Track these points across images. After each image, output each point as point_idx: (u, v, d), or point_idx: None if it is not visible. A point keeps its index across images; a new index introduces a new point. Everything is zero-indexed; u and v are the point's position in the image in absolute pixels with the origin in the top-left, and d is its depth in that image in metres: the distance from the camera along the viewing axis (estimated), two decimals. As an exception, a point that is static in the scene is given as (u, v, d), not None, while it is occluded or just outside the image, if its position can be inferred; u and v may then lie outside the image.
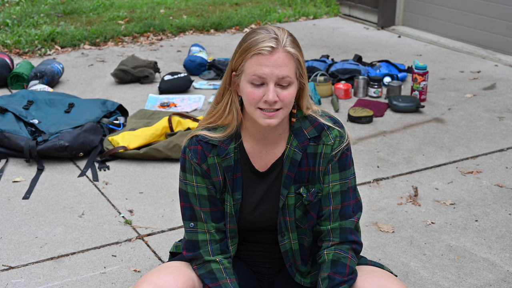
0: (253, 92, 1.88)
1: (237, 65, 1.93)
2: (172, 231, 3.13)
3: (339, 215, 2.03)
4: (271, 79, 1.86)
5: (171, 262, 2.09)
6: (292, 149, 2.01)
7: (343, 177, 2.04)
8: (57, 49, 6.19)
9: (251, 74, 1.87)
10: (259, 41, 1.87)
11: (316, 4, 7.97)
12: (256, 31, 1.92)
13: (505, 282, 2.73)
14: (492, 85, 5.18)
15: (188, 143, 2.03)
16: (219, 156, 2.00)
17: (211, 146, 2.00)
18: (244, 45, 1.90)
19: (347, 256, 2.00)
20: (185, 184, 2.04)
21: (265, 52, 1.85)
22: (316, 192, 2.04)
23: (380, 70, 5.19)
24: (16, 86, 5.08)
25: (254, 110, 1.91)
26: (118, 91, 5.06)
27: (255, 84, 1.88)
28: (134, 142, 3.88)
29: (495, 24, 5.94)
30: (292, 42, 1.91)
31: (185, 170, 2.03)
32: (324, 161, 2.01)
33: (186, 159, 2.03)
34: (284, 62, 1.87)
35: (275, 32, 1.90)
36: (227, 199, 2.03)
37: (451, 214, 3.27)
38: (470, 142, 4.12)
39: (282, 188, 2.03)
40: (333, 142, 2.01)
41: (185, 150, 2.04)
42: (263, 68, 1.86)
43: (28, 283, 2.74)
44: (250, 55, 1.87)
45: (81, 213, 3.30)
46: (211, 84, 5.16)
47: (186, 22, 7.02)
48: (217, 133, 2.00)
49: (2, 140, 3.88)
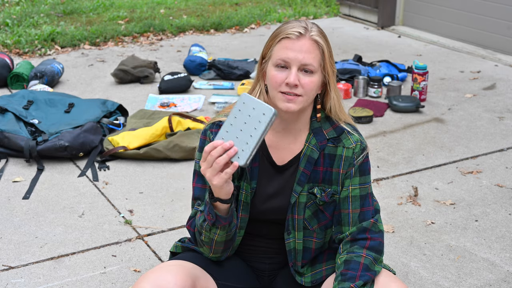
0: (276, 75, 1.94)
1: (266, 52, 2.00)
2: (172, 231, 3.13)
3: (358, 219, 2.05)
4: (295, 63, 1.92)
5: (171, 261, 2.09)
6: (310, 147, 2.04)
7: (362, 182, 2.06)
8: (57, 49, 6.19)
9: (277, 58, 1.94)
10: (288, 28, 1.95)
11: (316, 4, 7.97)
12: (290, 20, 2.01)
13: (505, 282, 2.74)
14: (492, 85, 5.18)
15: (210, 126, 2.05)
16: None
17: None
18: (274, 32, 1.98)
19: (360, 255, 1.99)
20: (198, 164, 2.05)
21: (292, 36, 1.93)
22: (332, 194, 2.05)
23: (380, 70, 5.19)
24: (16, 86, 5.08)
25: (276, 93, 1.95)
26: (118, 91, 5.06)
27: (279, 67, 1.94)
28: (134, 142, 3.88)
29: (495, 24, 5.94)
30: (319, 32, 1.98)
31: (201, 150, 2.04)
32: (345, 164, 2.04)
33: (206, 140, 2.05)
34: (309, 49, 1.93)
35: (306, 23, 1.98)
36: (243, 187, 2.05)
37: (451, 214, 3.27)
38: (470, 142, 4.12)
39: (295, 185, 2.04)
40: (354, 146, 2.04)
41: (205, 132, 2.06)
42: (288, 52, 1.92)
43: (28, 283, 2.74)
44: (278, 39, 1.95)
45: (81, 213, 3.30)
46: (211, 84, 5.16)
47: (186, 22, 7.03)
48: None
49: (2, 140, 3.88)
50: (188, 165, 3.81)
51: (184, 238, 2.26)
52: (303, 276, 2.13)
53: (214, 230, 1.94)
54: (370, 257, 2.00)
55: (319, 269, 2.14)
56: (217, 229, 1.93)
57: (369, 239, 2.03)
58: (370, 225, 2.04)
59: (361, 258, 1.98)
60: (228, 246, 2.03)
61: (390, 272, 2.08)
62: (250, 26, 7.08)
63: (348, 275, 1.95)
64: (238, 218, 2.07)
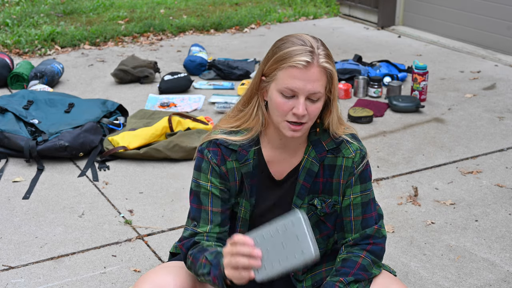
0: (283, 104, 1.87)
1: (268, 72, 1.91)
2: (172, 231, 3.13)
3: (361, 226, 2.04)
4: (303, 93, 1.85)
5: (171, 262, 2.09)
6: (310, 160, 2.00)
7: (363, 189, 2.04)
8: (57, 49, 6.19)
9: (283, 86, 1.86)
10: (295, 53, 1.85)
11: (316, 4, 7.97)
12: (291, 40, 1.90)
13: (505, 282, 2.74)
14: (492, 85, 5.18)
15: (207, 145, 2.00)
16: (238, 161, 1.99)
17: (230, 150, 1.99)
18: (279, 54, 1.88)
19: (359, 255, 1.99)
20: (198, 184, 2.01)
21: (300, 66, 1.83)
22: (333, 204, 2.04)
23: (380, 70, 5.19)
24: (16, 86, 5.08)
25: (281, 120, 1.90)
26: (118, 91, 5.06)
27: (286, 96, 1.87)
28: (134, 142, 3.88)
29: (495, 24, 5.94)
30: (326, 56, 1.88)
31: (200, 170, 2.00)
32: (345, 174, 2.01)
33: (204, 159, 1.99)
34: (317, 77, 1.85)
35: (311, 44, 1.87)
36: (242, 204, 2.03)
37: (451, 214, 3.27)
38: (470, 142, 4.12)
39: (296, 198, 2.02)
40: (353, 155, 2.01)
41: (203, 151, 2.00)
42: (296, 81, 1.84)
43: (28, 283, 2.74)
44: (284, 66, 1.85)
45: (81, 213, 3.30)
46: (211, 84, 5.16)
47: (186, 22, 7.03)
48: (237, 136, 1.98)
49: (2, 140, 3.88)
50: (188, 165, 3.81)
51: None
52: (304, 281, 2.13)
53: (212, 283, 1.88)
54: (368, 258, 2.00)
55: (318, 270, 2.14)
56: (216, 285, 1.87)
57: (371, 244, 2.03)
58: (374, 231, 2.03)
59: (360, 258, 1.99)
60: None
61: (390, 273, 2.08)
62: (250, 26, 7.08)
63: (342, 271, 1.96)
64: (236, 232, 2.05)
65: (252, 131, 1.98)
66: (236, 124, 2.00)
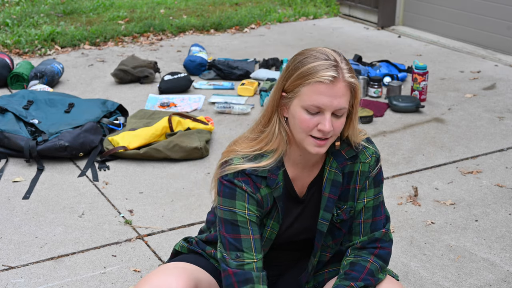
0: (309, 120, 1.83)
1: (291, 88, 1.85)
2: (172, 231, 3.13)
3: (369, 229, 2.03)
4: (329, 109, 1.81)
5: (173, 263, 2.07)
6: (333, 171, 1.97)
7: (376, 192, 2.03)
8: (57, 49, 6.18)
9: (309, 103, 1.81)
10: (320, 69, 1.80)
11: (316, 4, 7.97)
12: (314, 54, 1.84)
13: (505, 282, 2.73)
14: (492, 85, 5.18)
15: (234, 175, 1.91)
16: (269, 187, 1.94)
17: (260, 178, 1.92)
18: (302, 69, 1.82)
19: (367, 260, 1.98)
20: (233, 212, 1.91)
21: (327, 81, 1.79)
22: (349, 210, 2.02)
23: (380, 70, 5.19)
24: (16, 86, 5.08)
25: (305, 137, 1.85)
26: (118, 91, 5.06)
27: (311, 112, 1.83)
28: (134, 142, 3.88)
29: (495, 24, 5.94)
30: (350, 70, 1.84)
31: (234, 198, 1.91)
32: (362, 179, 1.99)
33: (236, 187, 1.91)
34: (343, 92, 1.82)
35: (335, 57, 1.83)
36: (270, 225, 1.99)
37: (451, 214, 3.27)
38: (470, 142, 4.12)
39: (323, 213, 1.99)
40: (370, 159, 1.99)
41: (231, 181, 1.91)
42: (322, 97, 1.80)
43: (28, 283, 2.74)
44: (310, 81, 1.80)
45: (81, 213, 3.30)
46: (211, 84, 5.16)
47: (186, 22, 7.02)
48: (263, 161, 1.91)
49: (2, 140, 3.88)
50: (188, 165, 3.81)
51: (191, 239, 2.21)
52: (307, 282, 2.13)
53: None
54: (377, 264, 1.99)
55: (321, 271, 2.13)
56: None
57: (379, 248, 2.02)
58: (382, 235, 2.03)
59: (368, 263, 1.98)
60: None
61: (393, 278, 2.07)
62: (250, 26, 7.08)
63: (351, 275, 1.95)
64: None
65: (277, 152, 1.92)
66: (259, 146, 1.93)
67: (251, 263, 1.91)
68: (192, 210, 3.32)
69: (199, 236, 2.22)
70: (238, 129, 4.33)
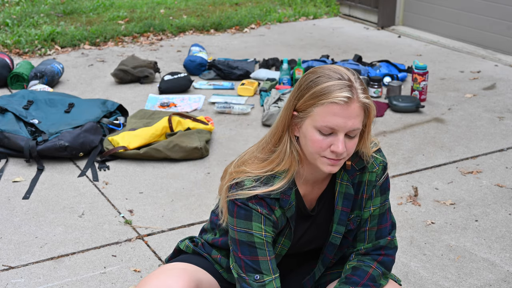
0: (322, 141, 1.80)
1: (303, 108, 1.81)
2: (172, 231, 3.13)
3: (375, 236, 2.01)
4: (343, 130, 1.78)
5: (173, 264, 2.07)
6: (344, 184, 1.95)
7: (383, 200, 2.01)
8: (57, 49, 6.18)
9: (323, 124, 1.77)
10: (334, 89, 1.76)
11: (316, 4, 7.97)
12: (327, 73, 1.80)
13: (505, 282, 2.73)
14: (492, 85, 5.18)
15: (248, 198, 1.88)
16: (282, 208, 1.92)
17: (274, 200, 1.90)
18: (315, 89, 1.78)
19: (370, 265, 1.98)
20: (250, 234, 1.89)
21: (341, 102, 1.75)
22: (357, 220, 2.00)
23: (380, 70, 5.19)
24: (16, 86, 5.08)
25: (319, 156, 1.83)
26: (118, 91, 5.06)
27: (324, 133, 1.79)
28: (134, 142, 3.88)
29: (495, 24, 5.94)
30: (364, 90, 1.80)
31: (250, 220, 1.88)
32: (369, 188, 1.98)
33: (252, 210, 1.88)
34: (357, 113, 1.78)
35: (349, 77, 1.79)
36: (281, 242, 1.99)
37: (451, 214, 3.27)
38: (470, 142, 4.12)
39: (337, 226, 1.98)
40: (377, 168, 1.97)
41: (245, 203, 1.88)
42: (337, 119, 1.76)
43: (28, 283, 2.74)
44: (324, 102, 1.76)
45: (81, 213, 3.30)
46: (211, 84, 5.16)
47: (186, 22, 7.02)
48: (275, 183, 1.88)
49: (2, 140, 3.88)
50: (188, 165, 3.81)
51: (197, 239, 2.20)
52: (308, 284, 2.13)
53: None
54: (379, 270, 1.99)
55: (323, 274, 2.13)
56: None
57: (383, 255, 2.01)
58: (387, 242, 2.02)
59: (370, 269, 1.97)
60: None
61: (396, 282, 2.07)
62: (250, 26, 7.08)
63: (352, 280, 1.95)
64: None
65: (289, 172, 1.89)
66: (271, 167, 1.89)
67: (271, 281, 1.90)
68: (192, 210, 3.32)
69: (205, 237, 2.18)
70: (238, 129, 4.33)
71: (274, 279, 1.91)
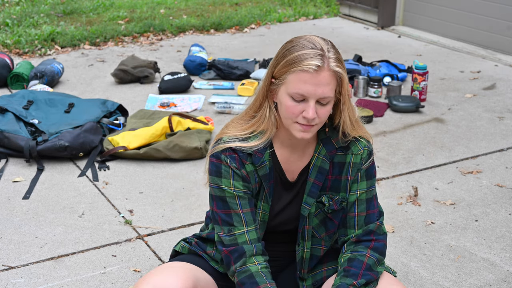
0: (293, 107, 1.89)
1: (278, 75, 1.91)
2: (172, 231, 3.13)
3: (364, 222, 2.05)
4: (313, 97, 1.86)
5: (171, 263, 2.08)
6: (320, 158, 2.02)
7: (369, 185, 2.06)
8: (57, 49, 6.18)
9: (294, 90, 1.87)
10: (305, 57, 1.85)
11: (316, 4, 7.97)
12: (302, 43, 1.88)
13: (505, 282, 2.74)
14: (492, 85, 5.18)
15: (222, 151, 1.99)
16: (254, 164, 1.99)
17: (246, 155, 1.99)
18: (289, 58, 1.87)
19: (364, 254, 2.00)
20: (220, 189, 1.99)
21: (311, 70, 1.84)
22: (340, 201, 2.05)
23: (380, 70, 5.19)
24: (16, 86, 5.08)
25: (291, 123, 1.92)
26: (118, 91, 5.06)
27: (296, 100, 1.88)
28: (134, 142, 3.88)
29: (495, 24, 5.94)
30: (337, 59, 1.88)
31: (220, 175, 1.99)
32: (353, 170, 2.03)
33: (222, 164, 1.98)
34: (327, 81, 1.86)
35: (322, 47, 1.87)
36: (261, 207, 2.03)
37: (451, 214, 3.27)
38: (470, 142, 4.12)
39: (307, 197, 2.03)
40: (362, 151, 2.03)
41: (218, 156, 1.99)
42: (306, 86, 1.85)
43: (28, 283, 2.74)
44: (295, 70, 1.85)
45: (81, 213, 3.30)
46: (211, 84, 5.16)
47: (186, 22, 7.03)
48: (250, 142, 1.98)
49: (2, 140, 3.88)
50: (188, 165, 3.81)
51: (191, 239, 2.23)
52: (305, 280, 2.14)
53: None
54: (373, 257, 2.00)
55: (319, 270, 2.14)
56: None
57: (374, 241, 2.04)
58: (376, 227, 2.05)
59: (365, 257, 1.99)
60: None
61: (391, 274, 2.08)
62: (250, 26, 7.08)
63: (351, 272, 1.96)
64: None
65: (266, 134, 1.98)
66: (250, 130, 1.99)
67: (243, 234, 1.97)
68: (192, 210, 3.32)
69: (197, 234, 2.24)
70: (238, 129, 4.33)
71: (246, 232, 1.97)
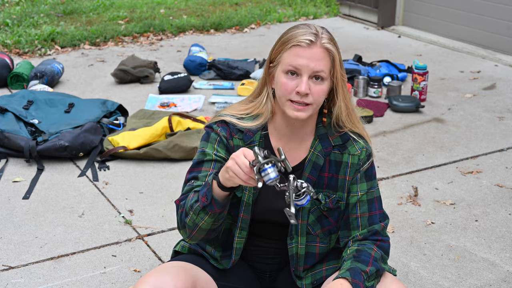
0: (287, 83, 1.93)
1: (274, 56, 1.98)
2: (172, 231, 3.13)
3: (367, 222, 2.06)
4: (306, 71, 1.91)
5: (171, 262, 2.09)
6: (316, 154, 2.04)
7: (369, 187, 2.07)
8: (57, 49, 6.18)
9: (287, 64, 1.92)
10: (299, 34, 1.93)
11: (316, 4, 7.97)
12: (298, 25, 1.99)
13: (505, 282, 2.74)
14: (492, 85, 5.18)
15: (216, 122, 2.06)
16: (243, 141, 2.04)
17: (238, 130, 2.04)
18: (283, 38, 1.97)
19: (371, 248, 2.01)
20: (203, 152, 2.04)
21: (304, 44, 1.91)
22: (337, 200, 2.06)
23: (380, 70, 5.19)
24: (16, 86, 5.08)
25: (285, 101, 1.95)
26: (118, 91, 5.06)
27: (290, 75, 1.93)
28: (134, 142, 3.88)
29: (495, 24, 5.94)
30: (330, 39, 1.96)
31: (208, 140, 2.05)
32: (351, 171, 2.05)
33: (212, 131, 2.05)
34: (320, 56, 1.92)
35: (316, 28, 1.95)
36: (247, 188, 2.05)
37: (451, 214, 3.27)
38: (470, 142, 4.12)
39: None
40: (359, 152, 2.04)
41: (211, 126, 2.06)
42: (299, 59, 1.91)
43: (28, 283, 2.74)
44: (289, 46, 1.93)
45: (81, 213, 3.30)
46: (211, 84, 5.16)
47: (186, 22, 7.02)
48: (244, 122, 2.04)
49: (2, 140, 3.88)
50: (188, 165, 3.78)
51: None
52: (303, 279, 2.13)
53: (202, 215, 1.91)
54: (379, 252, 2.02)
55: (319, 269, 2.14)
56: (206, 215, 1.90)
57: (380, 240, 2.05)
58: (381, 228, 2.06)
59: (372, 251, 2.01)
60: (209, 236, 2.00)
61: (391, 273, 2.08)
62: (250, 26, 7.08)
63: (361, 258, 1.97)
64: (239, 218, 2.06)
65: (261, 118, 2.03)
66: (246, 112, 2.05)
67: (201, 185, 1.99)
68: (192, 210, 3.32)
69: None
70: (238, 129, 4.33)
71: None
